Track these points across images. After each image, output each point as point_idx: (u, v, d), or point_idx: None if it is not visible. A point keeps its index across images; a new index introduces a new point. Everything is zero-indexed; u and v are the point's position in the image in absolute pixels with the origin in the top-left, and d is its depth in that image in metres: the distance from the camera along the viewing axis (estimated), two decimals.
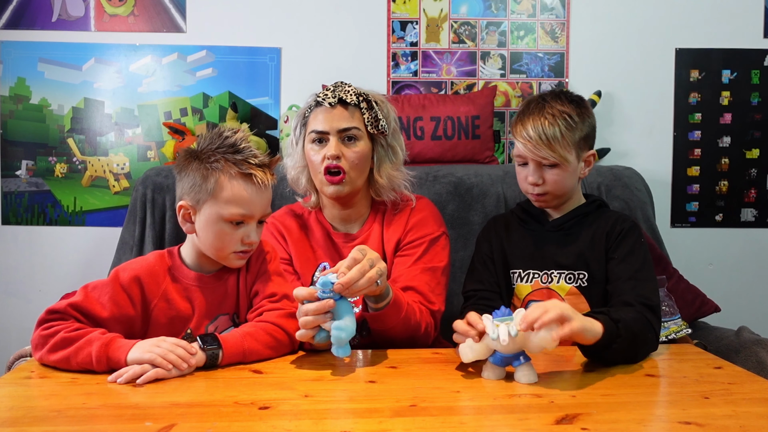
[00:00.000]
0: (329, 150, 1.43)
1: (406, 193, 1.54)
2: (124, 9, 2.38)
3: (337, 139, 1.44)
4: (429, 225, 1.51)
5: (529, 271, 1.44)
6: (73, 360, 1.08)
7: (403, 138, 1.57)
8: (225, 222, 1.19)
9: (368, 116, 1.46)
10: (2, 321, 2.42)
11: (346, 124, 1.45)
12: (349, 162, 1.44)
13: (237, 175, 1.19)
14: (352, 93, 1.47)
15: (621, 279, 1.33)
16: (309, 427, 0.87)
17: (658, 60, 2.44)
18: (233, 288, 1.27)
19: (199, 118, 2.39)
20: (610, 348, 1.13)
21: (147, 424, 0.87)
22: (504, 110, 2.45)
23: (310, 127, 1.48)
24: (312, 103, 1.50)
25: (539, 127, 1.37)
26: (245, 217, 1.20)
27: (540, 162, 1.39)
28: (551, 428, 0.87)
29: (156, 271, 1.22)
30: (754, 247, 2.48)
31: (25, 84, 2.37)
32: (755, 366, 1.56)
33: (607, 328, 1.12)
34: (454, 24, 2.43)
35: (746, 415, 0.91)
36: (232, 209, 1.18)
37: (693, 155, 2.47)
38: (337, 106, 1.46)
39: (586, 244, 1.41)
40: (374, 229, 1.52)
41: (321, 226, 1.54)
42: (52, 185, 2.40)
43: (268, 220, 1.52)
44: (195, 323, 1.23)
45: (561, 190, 1.42)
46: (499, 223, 1.53)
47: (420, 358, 1.23)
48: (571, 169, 1.40)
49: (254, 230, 1.22)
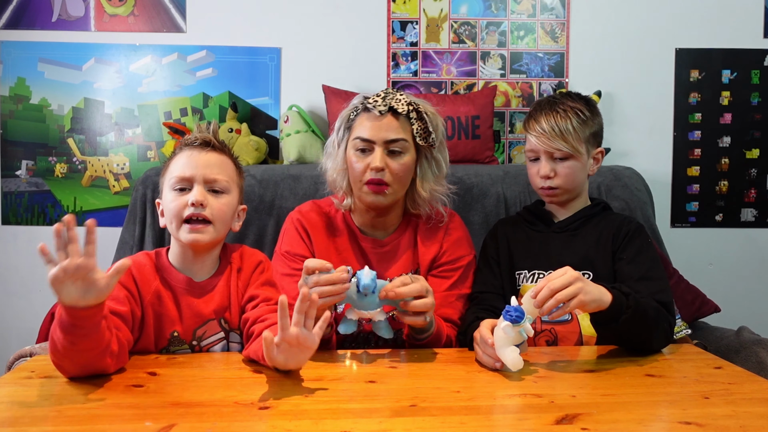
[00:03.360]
0: (374, 161, 1.38)
1: (439, 208, 1.49)
2: (124, 9, 2.38)
3: (383, 150, 1.39)
4: (464, 247, 1.49)
5: (535, 271, 1.45)
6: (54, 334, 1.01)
7: (448, 151, 1.52)
8: (172, 191, 1.23)
9: (417, 127, 1.41)
10: (2, 321, 2.42)
11: (394, 135, 1.40)
12: (393, 174, 1.39)
13: (180, 152, 1.26)
14: (403, 102, 1.41)
15: (632, 279, 1.35)
16: (309, 427, 0.87)
17: (658, 60, 2.44)
18: (223, 293, 1.27)
19: (199, 118, 2.39)
20: (619, 320, 1.15)
21: (147, 424, 0.87)
22: (504, 110, 2.45)
23: (356, 132, 1.42)
24: (359, 107, 1.44)
25: (552, 120, 1.42)
26: (183, 180, 1.22)
27: (552, 154, 1.43)
28: (551, 428, 0.87)
29: (147, 270, 1.23)
30: (754, 247, 2.48)
31: (25, 84, 2.37)
32: (755, 366, 1.56)
33: (616, 298, 1.15)
34: (454, 24, 2.43)
35: (746, 415, 0.91)
36: (173, 175, 1.23)
37: (693, 155, 2.47)
38: (387, 114, 1.40)
39: (591, 245, 1.43)
40: (404, 240, 1.49)
41: (348, 228, 1.49)
42: (52, 185, 2.40)
43: (292, 213, 1.50)
44: (183, 327, 1.23)
45: (572, 184, 1.45)
46: (506, 225, 1.56)
47: (420, 358, 1.23)
48: (582, 163, 1.45)
49: (198, 190, 1.22)
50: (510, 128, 2.46)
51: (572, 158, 1.44)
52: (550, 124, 1.42)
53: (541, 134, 1.43)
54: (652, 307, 1.24)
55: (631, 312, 1.16)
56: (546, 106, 1.46)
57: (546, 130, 1.42)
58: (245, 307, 1.27)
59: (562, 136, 1.41)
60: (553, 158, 1.44)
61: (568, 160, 1.44)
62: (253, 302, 1.26)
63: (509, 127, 2.46)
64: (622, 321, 1.16)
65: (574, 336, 1.40)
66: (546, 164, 1.45)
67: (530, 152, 1.48)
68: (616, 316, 1.16)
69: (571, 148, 1.42)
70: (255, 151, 2.27)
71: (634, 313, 1.17)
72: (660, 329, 1.25)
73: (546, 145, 1.43)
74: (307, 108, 2.37)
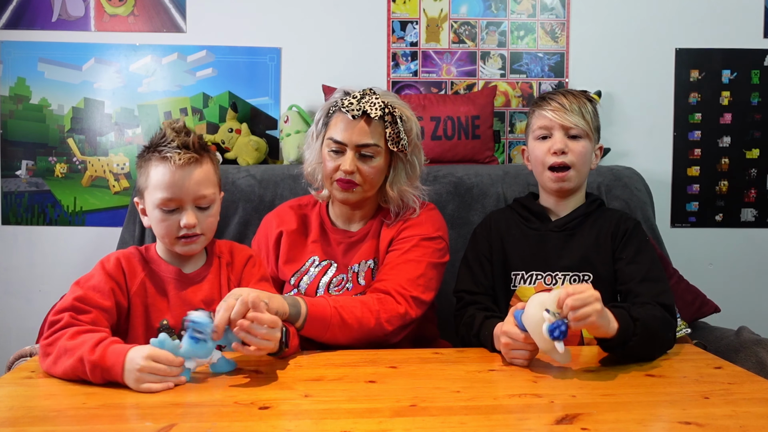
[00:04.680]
0: (344, 164, 1.41)
1: (410, 204, 1.51)
2: (124, 9, 2.37)
3: (354, 153, 1.42)
4: (425, 227, 1.48)
5: (532, 273, 1.43)
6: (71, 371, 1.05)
7: (423, 152, 1.54)
8: (158, 209, 1.21)
9: (390, 131, 1.42)
10: (2, 321, 2.41)
11: (365, 140, 1.42)
12: (363, 176, 1.43)
13: (159, 161, 1.21)
14: (377, 107, 1.41)
15: (634, 280, 1.34)
16: (309, 427, 0.87)
17: (658, 60, 2.44)
18: (213, 284, 1.28)
19: (199, 118, 2.39)
20: (626, 345, 1.15)
21: (147, 424, 0.87)
22: (504, 110, 2.45)
23: (330, 132, 1.45)
24: (337, 104, 1.46)
25: (570, 97, 1.43)
26: (171, 201, 1.20)
27: (569, 130, 1.42)
28: (551, 428, 0.87)
29: (134, 261, 1.25)
30: (754, 247, 2.48)
31: (25, 84, 2.37)
32: (755, 366, 1.56)
33: (623, 325, 1.14)
34: (454, 24, 2.43)
35: (746, 415, 0.91)
36: (158, 194, 1.20)
37: (693, 155, 2.47)
38: (360, 118, 1.41)
39: (590, 246, 1.41)
40: (373, 230, 1.51)
41: (320, 219, 1.55)
42: (52, 185, 2.40)
43: (268, 214, 1.57)
44: (172, 316, 1.24)
45: (584, 167, 1.43)
46: (499, 222, 1.51)
47: (420, 358, 1.23)
48: (591, 150, 1.45)
49: (189, 213, 1.20)
50: (510, 128, 2.46)
51: (585, 138, 1.42)
52: (569, 100, 1.42)
53: (559, 108, 1.41)
54: (659, 320, 1.22)
55: (638, 338, 1.15)
56: (557, 91, 1.47)
57: (565, 105, 1.41)
58: None
59: (580, 113, 1.41)
60: (567, 134, 1.42)
61: (582, 140, 1.42)
62: None
63: (509, 127, 2.45)
64: (628, 347, 1.15)
65: (575, 338, 1.39)
66: (561, 138, 1.41)
67: (542, 129, 1.44)
68: (622, 343, 1.15)
69: (585, 126, 1.41)
70: (255, 151, 2.27)
71: (641, 338, 1.15)
72: (664, 344, 1.25)
73: (563, 119, 1.40)
74: (307, 108, 2.37)
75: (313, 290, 1.47)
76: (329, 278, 1.48)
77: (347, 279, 1.48)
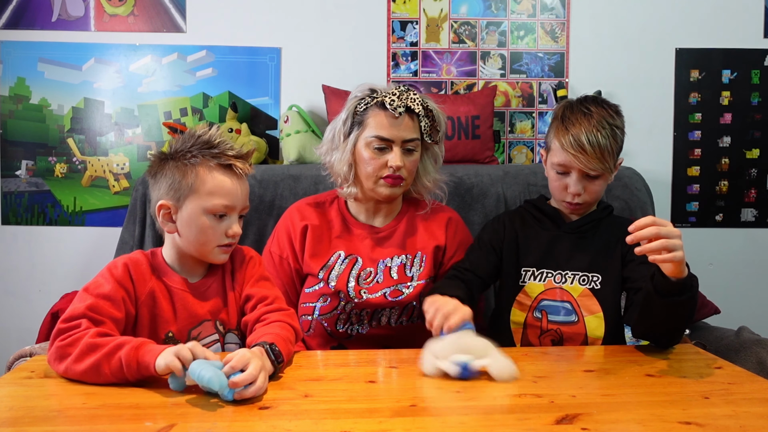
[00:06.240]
0: (394, 161, 1.45)
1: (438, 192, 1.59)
2: (124, 9, 2.38)
3: (401, 148, 1.47)
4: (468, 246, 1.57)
5: (543, 270, 1.45)
6: (105, 365, 1.02)
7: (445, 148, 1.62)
8: (208, 215, 1.19)
9: (425, 125, 1.49)
10: (2, 321, 2.42)
11: (411, 135, 1.48)
12: (408, 170, 1.49)
13: (217, 167, 1.20)
14: (417, 102, 1.47)
15: (646, 277, 1.34)
16: (309, 427, 0.87)
17: (658, 60, 2.44)
18: (218, 294, 1.26)
19: (199, 118, 2.39)
20: (682, 295, 1.15)
21: (147, 424, 0.87)
22: (504, 110, 2.45)
23: (372, 130, 1.47)
24: (369, 102, 1.48)
25: (593, 137, 1.34)
26: (228, 208, 1.20)
27: (587, 173, 1.38)
28: (551, 428, 0.87)
29: (142, 269, 1.21)
30: (754, 247, 2.48)
31: (25, 84, 2.37)
32: (755, 366, 1.56)
33: (690, 275, 1.15)
34: (454, 24, 2.43)
35: (746, 415, 0.91)
36: (215, 200, 1.19)
37: (693, 155, 2.47)
38: (404, 114, 1.46)
39: (600, 249, 1.44)
40: (401, 227, 1.56)
41: (341, 215, 1.57)
42: (52, 185, 2.40)
43: (288, 211, 1.57)
44: (177, 327, 1.22)
45: (597, 199, 1.45)
46: (514, 218, 1.54)
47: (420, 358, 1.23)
48: (610, 177, 1.43)
49: (236, 222, 1.23)
50: (510, 128, 2.46)
51: (603, 176, 1.40)
52: (591, 143, 1.33)
53: (580, 152, 1.34)
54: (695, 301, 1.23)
55: (695, 291, 1.16)
56: (581, 118, 1.36)
57: (586, 149, 1.34)
58: (244, 307, 1.27)
59: (601, 157, 1.34)
60: (586, 176, 1.39)
61: (600, 179, 1.39)
62: (250, 302, 1.26)
63: (509, 127, 2.46)
64: (685, 298, 1.15)
65: (579, 337, 1.40)
66: (578, 182, 1.38)
67: (560, 166, 1.40)
68: (690, 287, 1.15)
69: (606, 168, 1.37)
70: (255, 151, 2.26)
71: (692, 296, 1.16)
72: (689, 320, 1.25)
73: (583, 165, 1.35)
74: (307, 108, 2.37)
75: (344, 283, 1.48)
76: (357, 272, 1.50)
77: (376, 272, 1.50)
